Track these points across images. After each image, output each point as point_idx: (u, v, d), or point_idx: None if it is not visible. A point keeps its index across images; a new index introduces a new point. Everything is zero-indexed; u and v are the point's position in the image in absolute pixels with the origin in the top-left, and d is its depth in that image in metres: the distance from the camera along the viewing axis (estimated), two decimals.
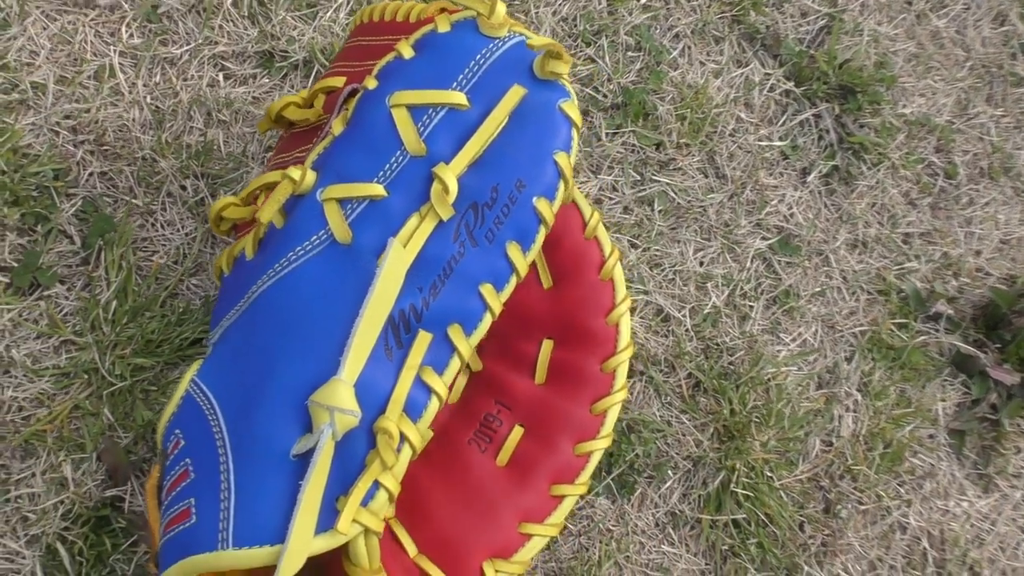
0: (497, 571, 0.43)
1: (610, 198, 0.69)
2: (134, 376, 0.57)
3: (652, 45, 0.73)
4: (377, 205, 0.38)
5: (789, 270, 0.73)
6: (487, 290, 0.37)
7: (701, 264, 0.70)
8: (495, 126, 0.38)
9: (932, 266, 0.77)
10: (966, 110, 0.84)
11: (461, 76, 0.40)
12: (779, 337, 0.71)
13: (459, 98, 0.39)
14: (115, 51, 0.63)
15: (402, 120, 0.39)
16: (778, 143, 0.75)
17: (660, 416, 0.66)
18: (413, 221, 0.38)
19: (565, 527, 0.61)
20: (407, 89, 0.40)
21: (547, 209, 0.38)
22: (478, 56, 0.40)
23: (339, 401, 0.34)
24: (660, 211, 0.70)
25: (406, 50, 0.41)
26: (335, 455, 0.35)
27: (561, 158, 0.38)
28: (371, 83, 0.41)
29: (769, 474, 0.66)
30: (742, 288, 0.70)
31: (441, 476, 0.46)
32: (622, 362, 0.47)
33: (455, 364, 0.37)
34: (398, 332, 0.36)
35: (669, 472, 0.65)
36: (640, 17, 0.74)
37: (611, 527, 0.63)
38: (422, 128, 0.39)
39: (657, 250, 0.69)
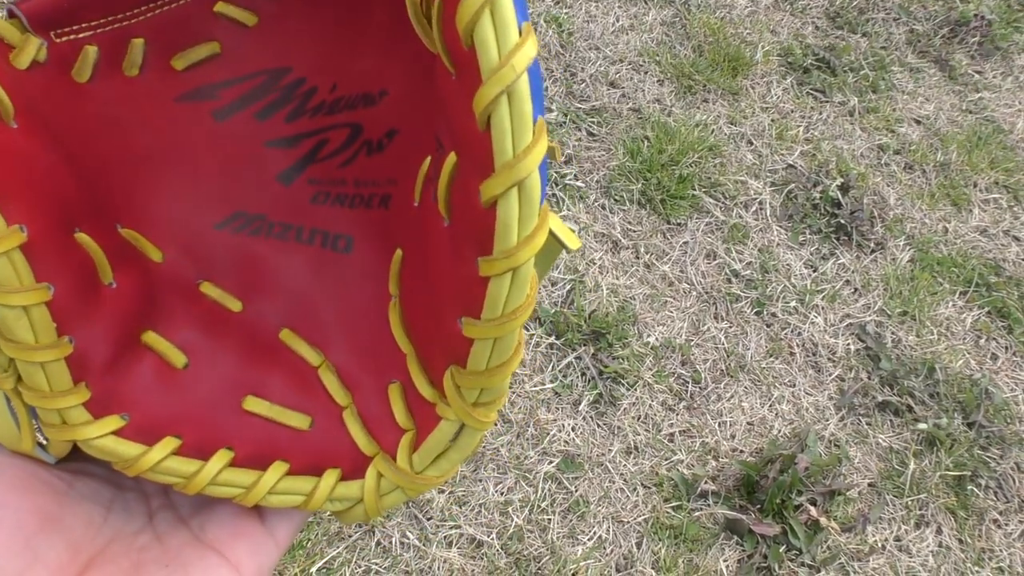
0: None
1: None
2: None
3: None
4: None
5: (576, 483, 0.91)
6: None
7: (501, 495, 0.88)
8: None
9: (694, 455, 0.97)
10: (699, 328, 1.08)
11: None
12: (577, 539, 0.88)
13: None
14: None
15: None
16: (550, 385, 0.96)
17: None
18: None
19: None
20: None
21: None
22: None
23: None
24: None
25: None
26: None
27: None
28: None
29: None
30: (539, 506, 0.88)
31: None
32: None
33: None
34: None
35: None
36: None
37: None
38: None
39: (463, 491, 0.86)
